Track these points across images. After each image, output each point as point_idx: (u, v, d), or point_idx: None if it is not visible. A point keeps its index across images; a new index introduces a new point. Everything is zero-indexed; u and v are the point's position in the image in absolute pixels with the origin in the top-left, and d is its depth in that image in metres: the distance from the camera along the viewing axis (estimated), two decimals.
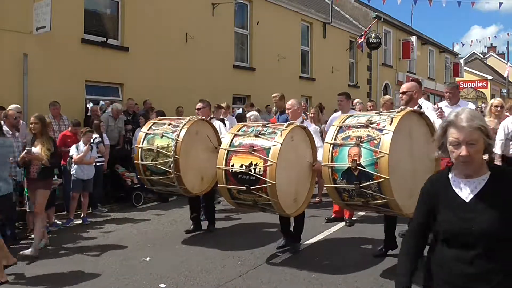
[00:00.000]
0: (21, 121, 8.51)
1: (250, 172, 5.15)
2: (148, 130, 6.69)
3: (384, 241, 5.73)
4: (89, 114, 10.74)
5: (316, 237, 6.77)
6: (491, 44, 57.73)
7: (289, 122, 5.74)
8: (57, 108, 9.30)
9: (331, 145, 4.82)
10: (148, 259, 5.90)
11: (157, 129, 6.60)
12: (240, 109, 14.13)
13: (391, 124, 4.49)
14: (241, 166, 5.22)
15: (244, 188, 5.22)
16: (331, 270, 5.35)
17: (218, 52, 14.60)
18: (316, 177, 6.02)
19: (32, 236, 7.05)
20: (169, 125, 6.59)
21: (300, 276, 5.19)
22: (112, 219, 8.29)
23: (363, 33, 21.85)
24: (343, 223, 7.43)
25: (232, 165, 5.29)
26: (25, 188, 7.26)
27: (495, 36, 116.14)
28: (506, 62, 50.84)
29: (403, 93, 5.65)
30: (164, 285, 4.97)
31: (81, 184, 8.06)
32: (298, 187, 5.64)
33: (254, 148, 5.21)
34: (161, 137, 6.45)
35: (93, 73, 11.22)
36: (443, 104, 6.97)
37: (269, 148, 5.14)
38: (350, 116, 5.13)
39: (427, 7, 61.85)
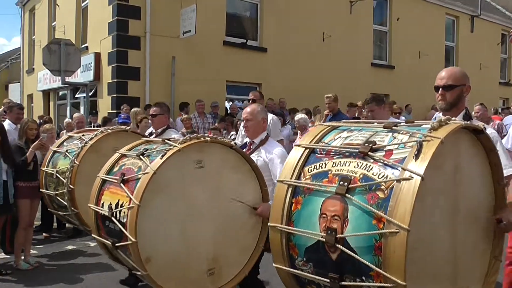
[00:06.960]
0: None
1: (113, 218, 3.12)
2: (58, 146, 4.91)
3: None
4: (229, 112, 11.19)
5: None
6: None
7: (194, 135, 3.31)
8: (202, 105, 9.88)
9: (289, 187, 2.29)
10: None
11: (67, 146, 4.78)
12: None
13: (418, 156, 1.95)
14: (109, 206, 3.21)
15: (110, 243, 3.20)
16: None
17: (356, 50, 14.28)
18: (266, 229, 2.83)
19: None
20: (79, 139, 4.72)
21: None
22: None
23: None
24: None
25: (102, 204, 3.30)
26: None
27: None
28: None
29: (446, 87, 2.93)
30: None
31: None
32: (219, 248, 3.32)
33: (124, 177, 3.19)
34: (64, 156, 4.63)
35: (233, 74, 11.68)
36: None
37: (139, 179, 3.10)
38: (337, 127, 2.50)
39: None
